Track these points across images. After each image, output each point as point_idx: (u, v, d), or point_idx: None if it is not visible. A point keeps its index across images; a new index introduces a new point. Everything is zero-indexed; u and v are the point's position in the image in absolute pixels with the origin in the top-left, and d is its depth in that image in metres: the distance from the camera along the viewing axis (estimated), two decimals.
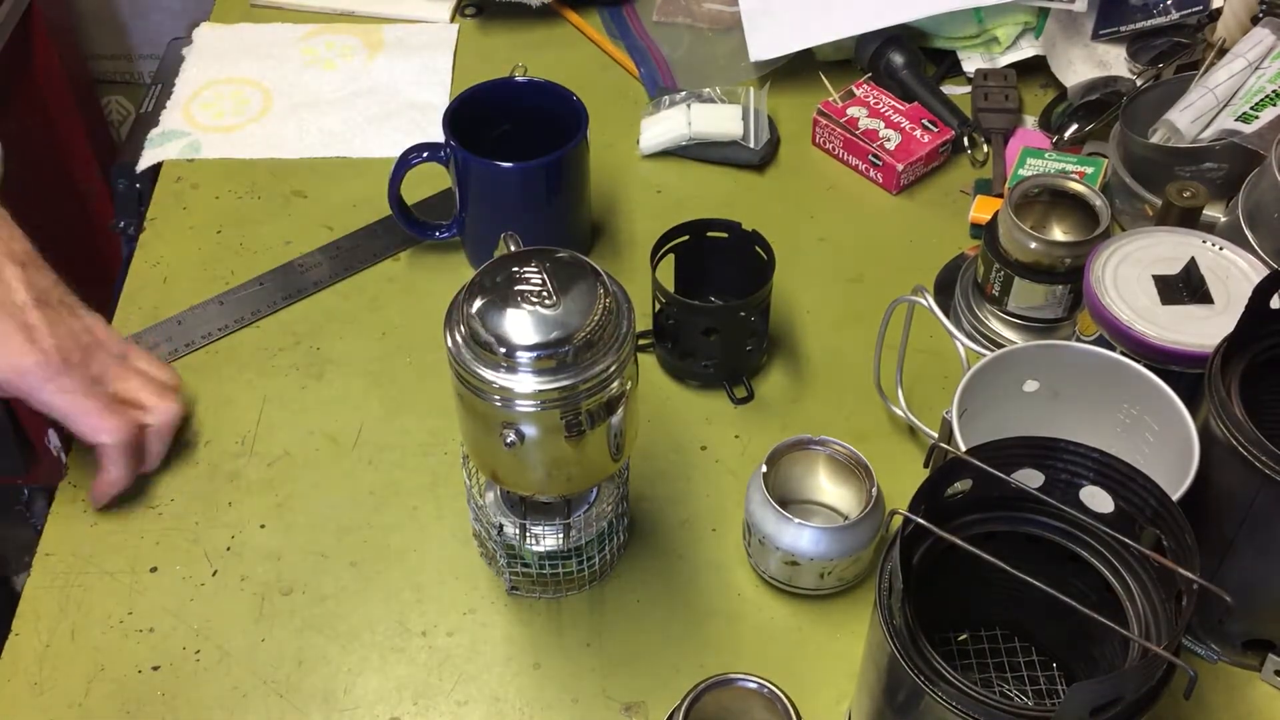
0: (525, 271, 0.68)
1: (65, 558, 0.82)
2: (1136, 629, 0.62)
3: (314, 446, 0.89)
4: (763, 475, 0.78)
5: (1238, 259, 0.80)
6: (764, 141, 1.08)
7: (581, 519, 0.78)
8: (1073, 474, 0.64)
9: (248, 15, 1.25)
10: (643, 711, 0.75)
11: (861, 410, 0.90)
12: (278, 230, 1.04)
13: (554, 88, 0.97)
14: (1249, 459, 0.66)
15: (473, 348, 0.66)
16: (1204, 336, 0.74)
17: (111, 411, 0.81)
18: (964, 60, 1.16)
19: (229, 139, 1.11)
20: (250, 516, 0.85)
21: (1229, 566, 0.71)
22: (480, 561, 0.82)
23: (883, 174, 1.06)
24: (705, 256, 0.92)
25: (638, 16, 1.24)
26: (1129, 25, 1.12)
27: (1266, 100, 0.95)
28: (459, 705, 0.76)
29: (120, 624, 0.79)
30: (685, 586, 0.81)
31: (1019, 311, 0.90)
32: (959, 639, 0.76)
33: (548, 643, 0.79)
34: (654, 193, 1.08)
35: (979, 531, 0.65)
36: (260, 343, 0.95)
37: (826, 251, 1.02)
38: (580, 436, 0.69)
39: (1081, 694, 0.54)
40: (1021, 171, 1.02)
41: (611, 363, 0.67)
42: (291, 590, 0.81)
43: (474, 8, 1.26)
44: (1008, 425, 0.72)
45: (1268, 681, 0.76)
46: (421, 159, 0.95)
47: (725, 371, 0.91)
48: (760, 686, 0.67)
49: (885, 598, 0.61)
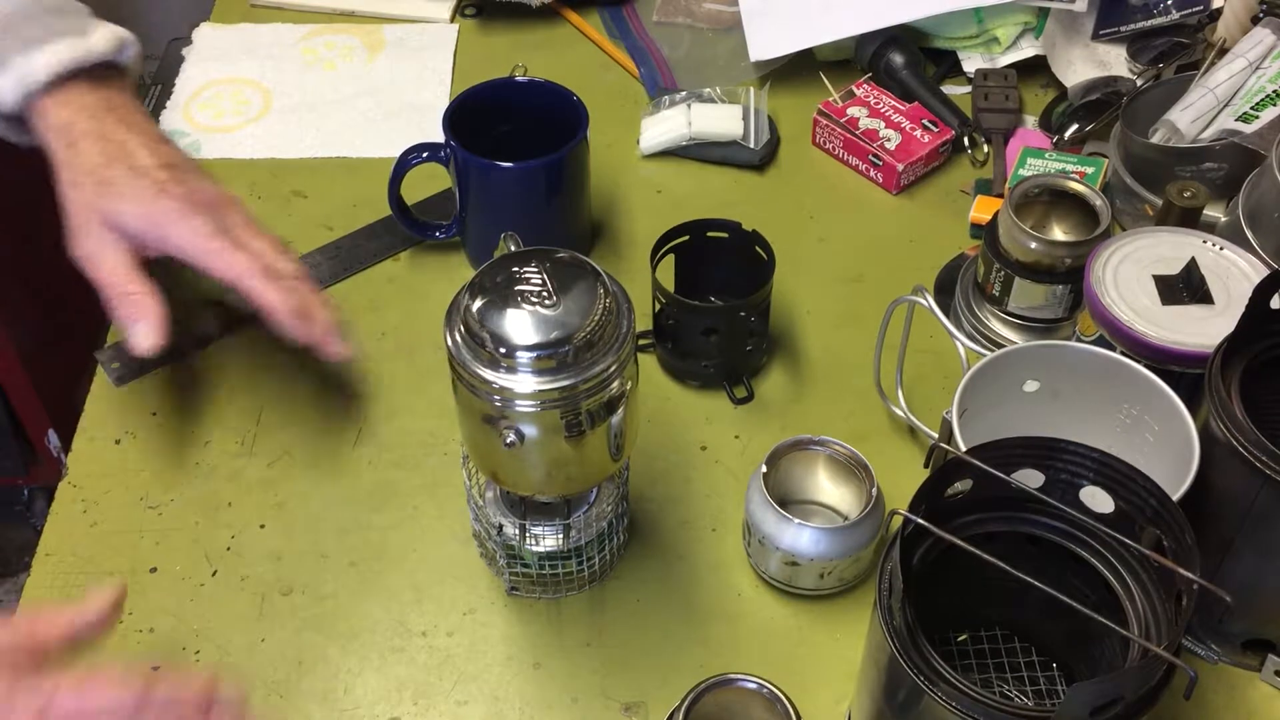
0: (525, 271, 0.68)
1: (65, 558, 0.82)
2: (1136, 629, 0.62)
3: (314, 447, 0.89)
4: (763, 475, 0.78)
5: (1238, 259, 0.80)
6: (764, 141, 1.08)
7: (581, 519, 0.78)
8: (1073, 474, 0.64)
9: (248, 15, 1.25)
10: (643, 711, 0.75)
11: (861, 410, 0.90)
12: (278, 230, 1.02)
13: (554, 88, 0.97)
14: (1249, 459, 0.66)
15: (472, 348, 0.66)
16: (1204, 336, 0.74)
17: (242, 249, 0.80)
18: (964, 60, 1.16)
19: (229, 139, 1.11)
20: (250, 516, 0.85)
21: (1229, 566, 0.71)
22: (480, 561, 0.82)
23: (883, 174, 1.06)
24: (705, 256, 0.92)
25: (638, 16, 1.24)
26: (1129, 25, 1.12)
27: (1267, 100, 0.95)
28: (459, 705, 0.76)
29: (120, 624, 0.79)
30: (685, 586, 0.81)
31: (1019, 311, 0.90)
32: (959, 639, 0.76)
33: (548, 643, 0.79)
34: (654, 193, 1.08)
35: (979, 531, 0.65)
36: (260, 343, 0.95)
37: (826, 251, 1.02)
38: (580, 436, 0.69)
39: (1081, 694, 0.54)
40: (1022, 171, 1.02)
41: (611, 363, 0.67)
42: (291, 590, 0.81)
43: (474, 8, 1.26)
44: (1008, 425, 0.72)
45: (1268, 681, 0.76)
46: (421, 159, 0.95)
47: (725, 371, 0.91)
48: (760, 686, 0.67)
49: (885, 598, 0.61)
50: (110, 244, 0.80)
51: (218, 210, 0.81)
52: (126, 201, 0.79)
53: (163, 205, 0.79)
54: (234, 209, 0.83)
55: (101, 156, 0.81)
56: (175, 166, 0.82)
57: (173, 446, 0.88)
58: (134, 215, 0.79)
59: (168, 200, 0.79)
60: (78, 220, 0.80)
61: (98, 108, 0.84)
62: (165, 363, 0.93)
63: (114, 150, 0.81)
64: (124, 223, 0.79)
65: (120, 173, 0.80)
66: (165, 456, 0.88)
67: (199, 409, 0.91)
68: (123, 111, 0.84)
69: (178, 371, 0.93)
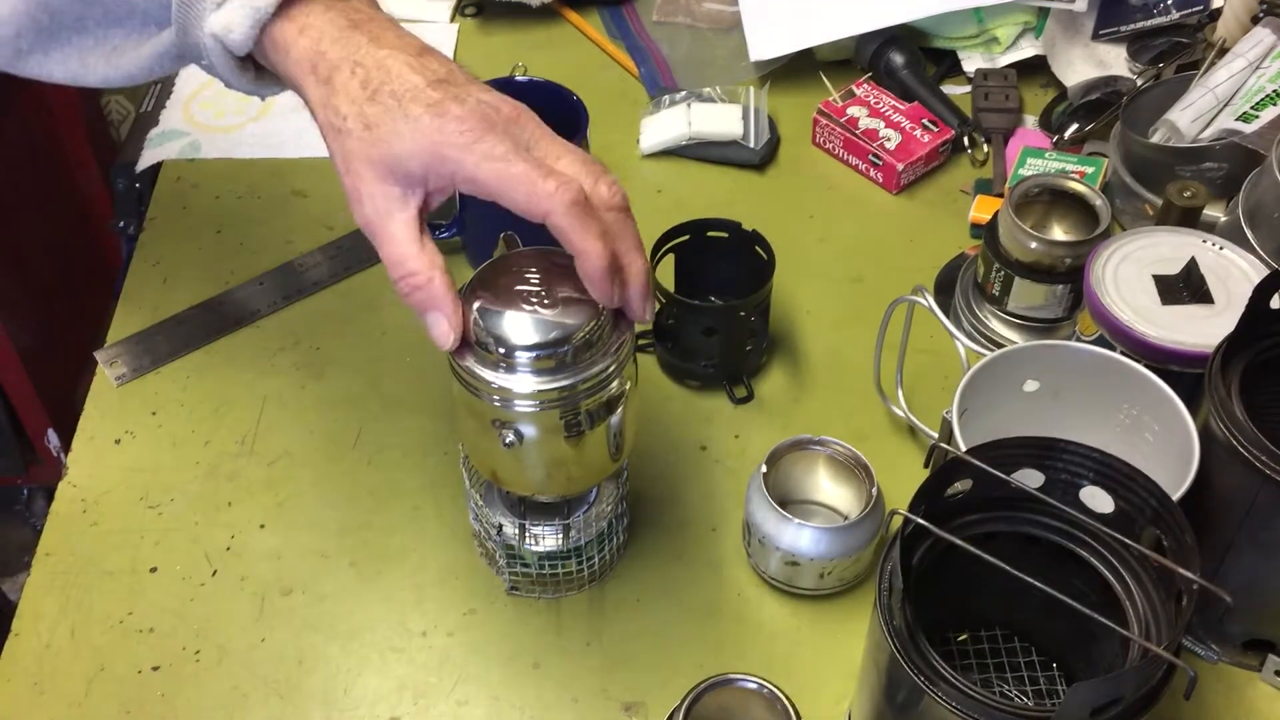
0: (525, 271, 0.68)
1: (65, 558, 0.82)
2: (1136, 629, 0.62)
3: (314, 446, 0.89)
4: (763, 475, 0.78)
5: (1238, 259, 0.80)
6: (764, 141, 1.08)
7: (581, 519, 0.78)
8: (1073, 474, 0.64)
9: None
10: (643, 711, 0.75)
11: (861, 410, 0.90)
12: (278, 230, 1.04)
13: (554, 88, 0.97)
14: (1249, 459, 0.66)
15: (472, 347, 0.66)
16: (1204, 336, 0.74)
17: (553, 175, 0.63)
18: (964, 60, 1.16)
19: (229, 138, 1.11)
20: (250, 516, 0.85)
21: (1229, 566, 0.71)
22: (480, 561, 0.82)
23: (883, 174, 1.06)
24: (705, 256, 0.92)
25: (638, 16, 1.24)
26: (1129, 25, 1.12)
27: (1267, 100, 0.95)
28: (459, 705, 0.76)
29: (120, 624, 0.79)
30: (685, 586, 0.81)
31: (1019, 311, 0.90)
32: (959, 639, 0.76)
33: (548, 643, 0.79)
34: (654, 193, 1.08)
35: (979, 531, 0.65)
36: (260, 343, 0.95)
37: (826, 251, 1.02)
38: (580, 437, 0.69)
39: (1081, 694, 0.54)
40: (1022, 171, 1.02)
41: (611, 363, 0.67)
42: (291, 590, 0.81)
43: (474, 8, 1.26)
44: (1008, 425, 0.72)
45: (1268, 681, 0.76)
46: None
47: (725, 371, 0.91)
48: (760, 686, 0.67)
49: (885, 598, 0.61)
50: (394, 204, 0.66)
51: (512, 125, 0.66)
52: (401, 140, 0.65)
53: (444, 135, 0.64)
54: (530, 121, 0.67)
55: (362, 89, 0.67)
56: (447, 81, 0.67)
57: (173, 446, 0.88)
58: (412, 156, 0.65)
59: (448, 125, 0.64)
60: (351, 179, 0.67)
61: (342, 26, 0.69)
62: (165, 362, 0.93)
63: (375, 77, 0.67)
64: (404, 169, 0.65)
65: (386, 107, 0.66)
66: (165, 456, 0.88)
67: (199, 409, 0.91)
68: (370, 26, 0.69)
69: (178, 371, 0.93)
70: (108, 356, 0.94)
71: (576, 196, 0.63)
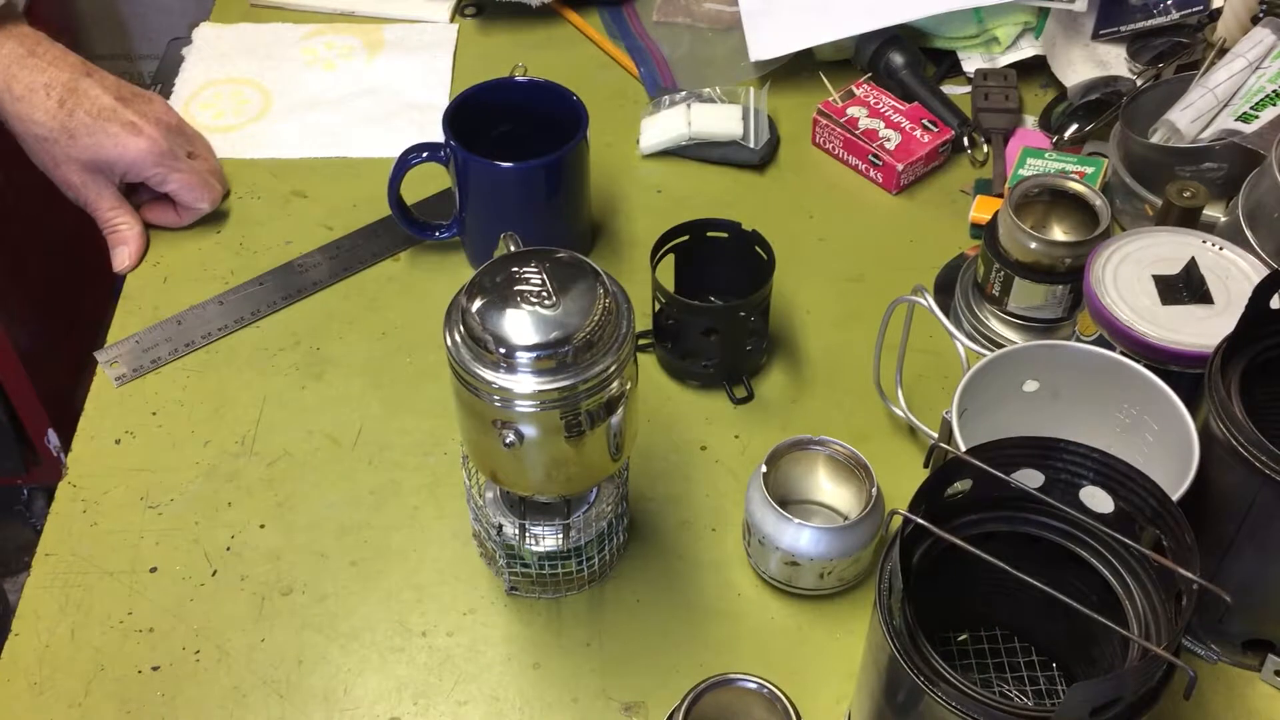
0: (525, 271, 0.68)
1: (65, 558, 0.82)
2: (1136, 629, 0.62)
3: (314, 446, 0.89)
4: (762, 475, 0.78)
5: (1238, 259, 0.80)
6: (764, 141, 1.08)
7: (581, 519, 0.78)
8: (1073, 474, 0.64)
9: (248, 15, 1.25)
10: (643, 711, 0.75)
11: (861, 410, 0.90)
12: (278, 230, 1.04)
13: (554, 88, 0.97)
14: (1249, 459, 0.66)
15: (472, 348, 0.66)
16: (1204, 336, 0.74)
17: (206, 184, 0.98)
18: (964, 60, 1.16)
19: (229, 139, 1.11)
20: (250, 516, 0.85)
21: (1229, 566, 0.71)
22: (480, 561, 0.82)
23: (883, 174, 1.06)
24: (705, 256, 0.92)
25: (638, 16, 1.24)
26: (1129, 25, 1.12)
27: (1266, 100, 0.95)
28: (459, 705, 0.76)
29: (120, 624, 0.79)
30: (685, 586, 0.81)
31: (1019, 311, 0.90)
32: (959, 639, 0.76)
33: (548, 643, 0.79)
34: (654, 193, 1.08)
35: (979, 531, 0.65)
36: (260, 343, 0.95)
37: (826, 251, 1.02)
38: (580, 437, 0.69)
39: (1081, 694, 0.54)
40: (1021, 171, 1.02)
41: (611, 363, 0.67)
42: (291, 590, 0.81)
43: (474, 8, 1.26)
44: (1008, 425, 0.72)
45: (1268, 681, 0.76)
46: (421, 159, 0.95)
47: (725, 371, 0.91)
48: (760, 686, 0.67)
49: (885, 598, 0.61)
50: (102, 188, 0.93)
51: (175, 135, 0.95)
52: (103, 149, 0.90)
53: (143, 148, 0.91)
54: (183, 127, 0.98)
55: (58, 104, 0.87)
56: (129, 100, 0.91)
57: (173, 446, 0.88)
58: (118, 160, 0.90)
59: (144, 142, 0.91)
60: (61, 174, 0.91)
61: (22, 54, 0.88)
62: (165, 362, 0.93)
63: (69, 96, 0.89)
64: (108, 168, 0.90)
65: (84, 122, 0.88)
66: (165, 456, 0.88)
67: (199, 409, 0.91)
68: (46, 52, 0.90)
69: (178, 371, 0.93)
70: (108, 356, 0.94)
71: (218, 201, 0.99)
